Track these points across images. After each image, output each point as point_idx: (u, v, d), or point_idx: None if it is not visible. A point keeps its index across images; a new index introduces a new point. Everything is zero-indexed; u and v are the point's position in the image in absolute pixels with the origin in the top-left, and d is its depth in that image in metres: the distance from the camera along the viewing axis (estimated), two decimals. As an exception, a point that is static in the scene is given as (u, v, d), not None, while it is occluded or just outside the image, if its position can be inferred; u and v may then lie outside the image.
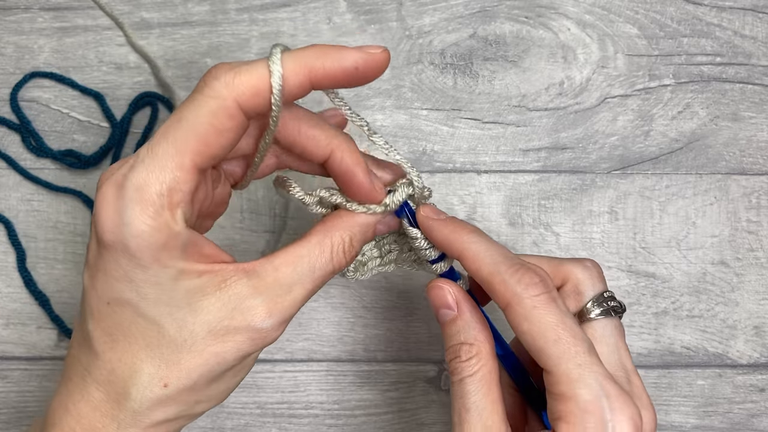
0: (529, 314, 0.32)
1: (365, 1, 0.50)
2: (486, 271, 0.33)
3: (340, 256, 0.34)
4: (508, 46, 0.50)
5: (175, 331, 0.31)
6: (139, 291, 0.30)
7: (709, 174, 0.50)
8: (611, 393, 0.31)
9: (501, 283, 0.33)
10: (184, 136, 0.29)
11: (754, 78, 0.50)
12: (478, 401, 0.33)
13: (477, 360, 0.33)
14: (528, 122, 0.50)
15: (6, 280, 0.48)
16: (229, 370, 0.33)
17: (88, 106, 0.49)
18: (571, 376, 0.31)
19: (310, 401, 0.49)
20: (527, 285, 0.32)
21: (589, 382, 0.31)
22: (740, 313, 0.50)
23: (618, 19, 0.50)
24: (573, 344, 0.32)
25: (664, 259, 0.50)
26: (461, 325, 0.34)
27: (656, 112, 0.50)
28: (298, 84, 0.30)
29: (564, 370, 0.31)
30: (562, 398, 0.31)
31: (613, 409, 0.31)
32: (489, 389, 0.33)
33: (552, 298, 0.32)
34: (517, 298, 0.32)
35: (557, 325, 0.32)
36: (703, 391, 0.49)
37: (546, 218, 0.50)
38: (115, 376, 0.32)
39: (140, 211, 0.29)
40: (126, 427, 0.31)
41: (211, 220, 0.38)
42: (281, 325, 0.33)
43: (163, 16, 0.50)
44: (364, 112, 0.50)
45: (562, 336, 0.31)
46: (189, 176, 0.30)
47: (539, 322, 0.32)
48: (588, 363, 0.31)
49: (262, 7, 0.50)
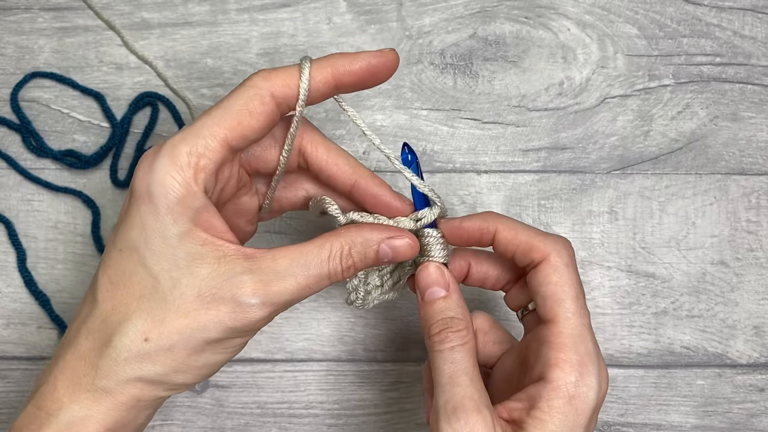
0: (561, 269, 0.36)
1: (365, 2, 0.50)
2: (524, 234, 0.38)
3: (336, 261, 0.35)
4: (508, 47, 0.50)
5: (168, 288, 0.33)
6: (148, 240, 0.33)
7: (709, 174, 0.50)
8: (599, 353, 0.36)
9: (540, 242, 0.37)
10: (221, 114, 0.34)
11: (753, 78, 0.51)
12: (470, 369, 0.36)
13: (467, 332, 0.37)
14: (528, 122, 0.50)
15: (6, 280, 0.48)
16: (210, 344, 0.33)
17: (89, 106, 0.49)
18: (577, 330, 0.35)
19: (310, 401, 0.49)
20: (562, 247, 0.37)
21: (588, 341, 0.35)
22: (740, 313, 0.50)
23: (618, 20, 0.50)
24: (583, 307, 0.36)
25: (663, 259, 0.50)
26: (452, 303, 0.38)
27: (656, 113, 0.50)
28: (324, 81, 0.35)
29: (572, 324, 0.35)
30: (562, 347, 0.35)
31: (601, 367, 0.36)
32: (475, 360, 0.36)
33: (575, 265, 0.37)
34: (555, 254, 0.37)
35: (578, 285, 0.37)
36: (702, 390, 0.49)
37: (546, 218, 0.50)
38: (105, 325, 0.33)
39: (168, 163, 0.33)
40: (102, 377, 0.33)
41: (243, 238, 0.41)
42: (266, 309, 0.33)
43: (163, 17, 0.50)
44: (365, 112, 0.50)
45: (579, 296, 0.36)
46: (218, 147, 0.33)
47: (569, 278, 0.36)
48: (589, 326, 0.36)
49: (262, 7, 0.50)
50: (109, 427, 0.33)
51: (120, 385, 0.33)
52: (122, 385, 0.33)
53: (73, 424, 0.33)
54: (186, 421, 0.48)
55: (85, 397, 0.33)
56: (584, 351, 0.35)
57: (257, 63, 0.49)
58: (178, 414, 0.48)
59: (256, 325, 0.34)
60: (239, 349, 0.35)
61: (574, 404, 0.34)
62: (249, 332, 0.34)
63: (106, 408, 0.33)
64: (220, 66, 0.49)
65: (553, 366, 0.35)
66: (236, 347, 0.35)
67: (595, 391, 0.35)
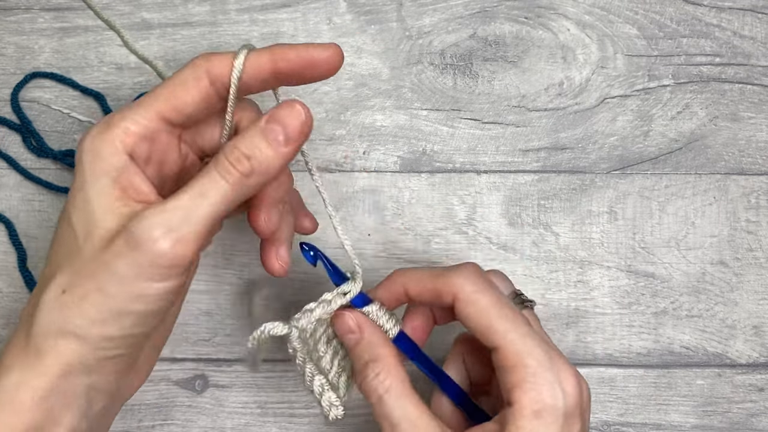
0: (473, 298, 0.36)
1: (365, 2, 0.50)
2: (430, 281, 0.37)
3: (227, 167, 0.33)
4: (507, 47, 0.50)
5: (83, 240, 0.33)
6: (74, 198, 0.34)
7: (709, 174, 0.50)
8: (554, 356, 0.35)
9: (444, 283, 0.36)
10: (159, 89, 0.35)
11: (753, 78, 0.51)
12: (404, 412, 0.35)
13: (385, 374, 0.36)
14: (528, 122, 0.50)
15: (7, 280, 0.48)
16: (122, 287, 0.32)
17: (89, 107, 0.49)
18: (519, 346, 0.34)
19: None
20: (466, 277, 0.36)
21: (535, 350, 0.34)
22: (739, 312, 0.50)
23: (617, 20, 0.50)
24: (514, 318, 0.35)
25: (663, 259, 0.50)
26: (364, 345, 0.37)
27: (655, 113, 0.50)
28: (261, 65, 0.35)
29: (511, 341, 0.34)
30: (513, 369, 0.34)
31: (560, 369, 0.34)
32: (408, 397, 0.35)
33: (490, 284, 0.37)
34: (461, 288, 0.36)
35: (498, 303, 0.36)
36: (702, 390, 0.49)
37: (545, 218, 0.50)
38: (39, 288, 0.34)
39: (101, 128, 0.34)
40: (30, 336, 0.33)
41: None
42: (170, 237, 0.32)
43: (163, 17, 0.50)
44: (365, 112, 0.50)
45: (505, 312, 0.35)
46: (151, 116, 0.34)
47: (484, 303, 0.35)
48: (530, 333, 0.35)
49: (262, 7, 0.50)
50: (43, 396, 0.33)
51: (45, 340, 0.33)
52: (46, 340, 0.33)
53: (8, 391, 0.33)
54: (186, 421, 0.48)
55: (18, 358, 0.33)
56: (534, 363, 0.34)
57: (257, 63, 0.49)
58: (178, 414, 0.48)
59: (164, 258, 0.32)
60: (163, 298, 0.33)
61: (542, 418, 0.33)
62: (161, 270, 0.33)
63: (37, 374, 0.33)
64: (220, 66, 0.49)
65: (510, 389, 0.34)
66: (156, 295, 0.33)
67: (559, 398, 0.34)
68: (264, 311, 0.48)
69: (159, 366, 0.48)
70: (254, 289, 0.49)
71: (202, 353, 0.48)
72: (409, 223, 0.49)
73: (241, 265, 0.49)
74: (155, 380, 0.48)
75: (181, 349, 0.48)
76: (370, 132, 0.50)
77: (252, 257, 0.49)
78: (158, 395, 0.48)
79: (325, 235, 0.49)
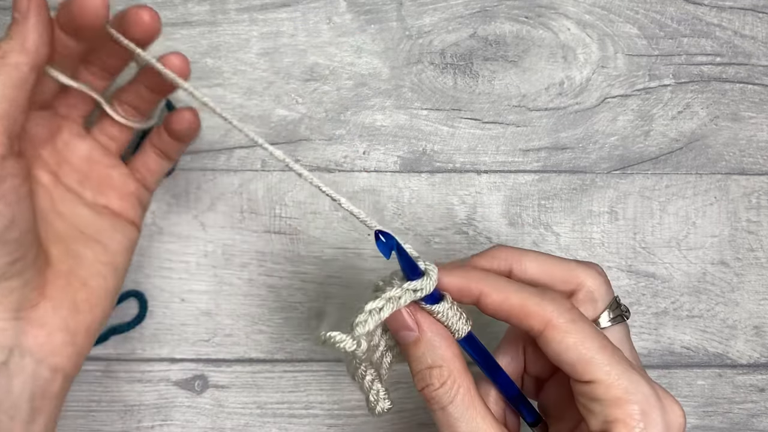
0: (571, 328, 0.32)
1: (365, 1, 0.50)
2: (516, 298, 0.33)
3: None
4: (508, 46, 0.50)
5: None
6: None
7: (709, 174, 0.50)
8: (661, 394, 0.33)
9: (536, 305, 0.33)
10: None
11: (754, 78, 0.50)
12: (471, 426, 0.32)
13: (451, 383, 0.32)
14: (528, 122, 0.50)
15: (6, 280, 0.48)
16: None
17: (88, 106, 0.49)
18: (624, 381, 0.32)
19: (310, 401, 0.49)
20: (561, 303, 0.33)
21: (642, 386, 0.32)
22: (740, 313, 0.50)
23: (618, 19, 0.50)
24: (614, 351, 0.33)
25: (664, 259, 0.50)
26: (425, 346, 0.33)
27: (656, 112, 0.50)
28: None
29: (615, 375, 0.32)
30: (617, 402, 0.32)
31: (666, 410, 0.32)
32: (474, 408, 0.32)
33: (582, 314, 0.34)
34: (558, 316, 0.33)
35: (597, 335, 0.33)
36: (703, 391, 0.49)
37: (546, 218, 0.50)
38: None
39: None
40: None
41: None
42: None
43: (162, 16, 0.49)
44: (364, 112, 0.50)
45: (605, 344, 0.33)
46: None
47: (583, 334, 0.32)
48: (631, 368, 0.32)
49: (262, 7, 0.50)
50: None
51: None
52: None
53: None
54: (186, 421, 0.48)
55: None
56: (642, 398, 0.32)
57: (257, 63, 0.49)
58: (177, 414, 0.48)
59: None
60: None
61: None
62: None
63: None
64: (219, 66, 0.49)
65: (613, 423, 0.32)
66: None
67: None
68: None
69: (158, 366, 0.48)
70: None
71: (202, 353, 0.48)
72: (409, 223, 0.49)
73: (241, 265, 0.49)
74: (154, 380, 0.48)
75: (181, 350, 0.48)
76: (370, 132, 0.50)
77: (252, 257, 0.49)
78: (158, 395, 0.48)
79: (325, 235, 0.49)
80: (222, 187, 0.49)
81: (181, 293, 0.48)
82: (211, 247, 0.49)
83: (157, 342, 0.48)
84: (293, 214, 0.49)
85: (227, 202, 0.49)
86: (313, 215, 0.49)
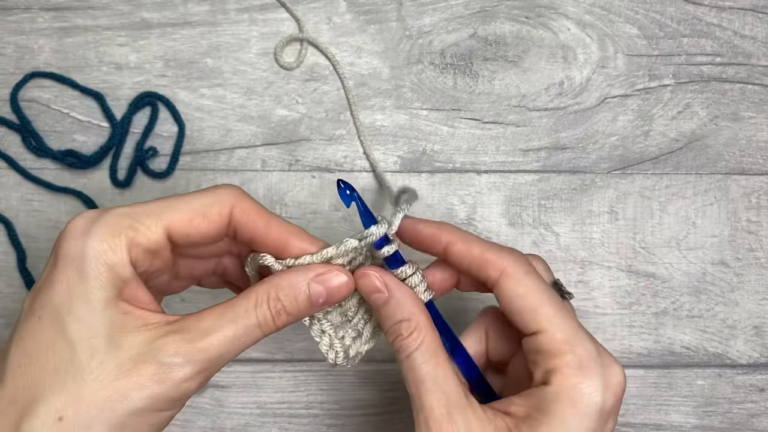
0: (523, 279, 0.35)
1: (365, 1, 0.50)
2: (478, 248, 0.36)
3: (263, 308, 0.34)
4: (508, 46, 0.50)
5: (87, 358, 0.30)
6: (72, 305, 0.31)
7: (709, 174, 0.50)
8: (602, 350, 0.35)
9: (495, 254, 0.36)
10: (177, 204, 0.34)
11: (753, 78, 0.50)
12: (431, 371, 0.34)
13: (418, 333, 0.35)
14: (528, 122, 0.50)
15: (7, 280, 0.48)
16: (132, 417, 0.30)
17: (89, 106, 0.49)
18: (568, 334, 0.34)
19: (310, 401, 0.49)
20: (516, 258, 0.36)
21: (586, 342, 0.34)
22: (740, 313, 0.50)
23: (618, 19, 0.50)
24: (562, 307, 0.35)
25: (664, 259, 0.50)
26: (394, 305, 0.35)
27: (656, 112, 0.50)
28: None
29: (558, 327, 0.34)
30: (558, 354, 0.33)
31: (605, 365, 0.34)
32: (437, 357, 0.34)
33: (536, 271, 0.36)
34: (513, 266, 0.35)
35: (548, 289, 0.35)
36: (702, 391, 0.49)
37: (546, 218, 0.50)
38: (14, 406, 0.30)
39: (106, 230, 0.32)
40: None
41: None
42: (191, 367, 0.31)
43: (163, 16, 0.50)
44: (364, 112, 0.50)
45: (554, 300, 0.35)
46: (160, 232, 0.33)
47: (534, 286, 0.35)
48: (576, 324, 0.35)
49: (262, 7, 0.50)
50: None
51: None
52: None
53: None
54: (186, 421, 0.48)
55: None
56: (582, 352, 0.33)
57: (257, 63, 0.49)
58: (177, 414, 0.48)
59: (182, 387, 0.31)
60: (165, 423, 0.32)
61: (577, 407, 0.33)
62: (177, 400, 0.32)
63: None
64: (220, 66, 0.49)
65: (550, 372, 0.33)
66: (163, 421, 0.32)
67: (599, 392, 0.33)
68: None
69: (159, 366, 0.48)
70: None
71: (202, 353, 0.48)
72: (409, 223, 0.49)
73: (240, 265, 0.49)
74: (155, 380, 0.48)
75: (181, 350, 0.48)
76: (370, 132, 0.50)
77: (252, 257, 0.49)
78: (158, 395, 0.48)
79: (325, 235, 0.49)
80: (222, 187, 0.49)
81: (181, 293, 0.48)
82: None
83: (158, 342, 0.48)
84: (293, 214, 0.49)
85: (227, 202, 0.49)
86: (313, 215, 0.49)
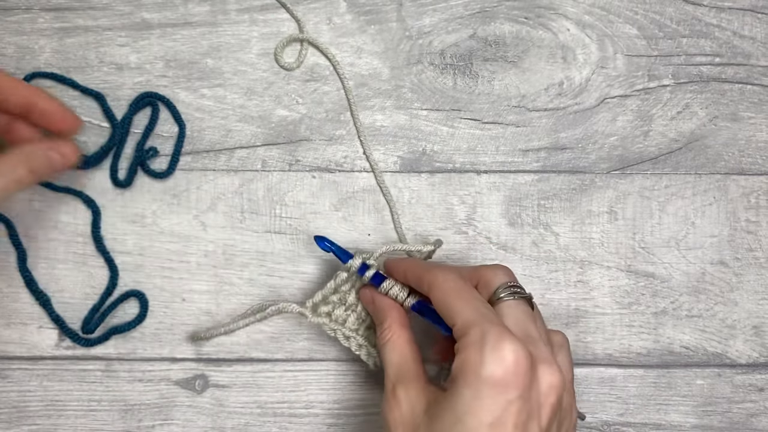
0: (444, 286, 0.40)
1: (365, 2, 0.50)
2: (419, 269, 0.43)
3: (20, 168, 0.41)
4: (507, 47, 0.50)
5: None
6: None
7: (708, 174, 0.50)
8: (502, 331, 0.37)
9: (428, 272, 0.42)
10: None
11: (753, 78, 0.51)
12: (394, 356, 0.43)
13: (389, 330, 0.44)
14: (528, 122, 0.50)
15: (7, 279, 0.48)
16: None
17: (89, 107, 0.49)
18: (472, 318, 0.38)
19: (310, 401, 0.49)
20: (446, 272, 0.41)
21: (484, 324, 0.37)
22: (739, 312, 0.50)
23: (617, 20, 0.50)
24: (471, 299, 0.39)
25: (663, 259, 0.50)
26: (377, 311, 0.45)
27: (655, 113, 0.50)
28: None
29: (466, 315, 0.38)
30: (461, 335, 0.38)
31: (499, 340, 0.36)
32: (402, 347, 0.43)
33: (460, 277, 0.41)
34: (440, 278, 0.41)
35: (461, 289, 0.40)
36: (702, 390, 0.49)
37: (545, 218, 0.50)
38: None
39: None
40: None
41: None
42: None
43: (163, 17, 0.50)
44: (364, 112, 0.50)
45: (469, 297, 0.40)
46: None
47: (447, 288, 0.40)
48: (485, 313, 0.38)
49: (262, 7, 0.50)
50: None
51: None
52: None
53: None
54: (186, 421, 0.48)
55: None
56: (486, 329, 0.37)
57: (257, 63, 0.49)
58: (178, 414, 0.48)
59: None
60: None
61: (467, 379, 0.36)
62: None
63: None
64: (220, 66, 0.49)
65: (458, 351, 0.38)
66: None
67: (499, 364, 0.35)
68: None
69: (159, 366, 0.48)
70: None
71: (202, 353, 0.48)
72: (409, 223, 0.50)
73: (241, 265, 0.49)
74: (155, 380, 0.48)
75: (181, 349, 0.48)
76: (370, 132, 0.50)
77: (252, 257, 0.49)
78: (158, 395, 0.48)
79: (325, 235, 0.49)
80: (222, 187, 0.49)
81: (181, 293, 0.48)
82: (212, 247, 0.49)
83: (158, 341, 0.48)
84: (293, 214, 0.49)
85: (228, 202, 0.49)
86: (313, 215, 0.49)
